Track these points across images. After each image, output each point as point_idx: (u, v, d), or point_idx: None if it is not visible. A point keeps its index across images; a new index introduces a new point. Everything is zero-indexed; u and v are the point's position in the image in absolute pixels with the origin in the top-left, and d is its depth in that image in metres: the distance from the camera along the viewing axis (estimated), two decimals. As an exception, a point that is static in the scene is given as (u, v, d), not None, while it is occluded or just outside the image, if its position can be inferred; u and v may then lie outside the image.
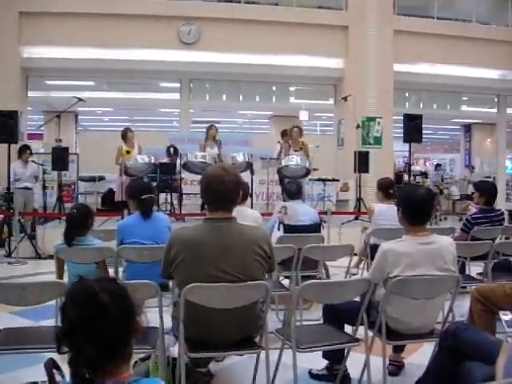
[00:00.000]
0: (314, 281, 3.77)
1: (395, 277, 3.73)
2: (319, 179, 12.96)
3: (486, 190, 7.10)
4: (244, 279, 3.42)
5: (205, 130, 12.37)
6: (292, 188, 7.08)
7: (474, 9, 17.93)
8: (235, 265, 3.43)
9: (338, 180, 14.12)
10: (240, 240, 3.49)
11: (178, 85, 17.00)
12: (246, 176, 11.03)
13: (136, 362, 3.86)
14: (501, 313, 2.60)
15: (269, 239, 3.70)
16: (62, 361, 1.96)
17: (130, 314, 1.92)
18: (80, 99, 11.92)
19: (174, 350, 3.77)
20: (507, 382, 2.05)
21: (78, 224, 4.88)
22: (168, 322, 3.91)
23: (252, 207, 10.18)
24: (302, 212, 6.80)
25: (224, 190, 3.47)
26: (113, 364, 1.87)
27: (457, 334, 3.18)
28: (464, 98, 19.93)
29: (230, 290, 3.39)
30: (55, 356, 2.05)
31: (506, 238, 7.06)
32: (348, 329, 4.05)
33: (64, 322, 1.86)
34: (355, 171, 12.72)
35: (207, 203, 3.64)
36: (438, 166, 20.96)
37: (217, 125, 12.70)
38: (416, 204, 3.94)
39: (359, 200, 12.51)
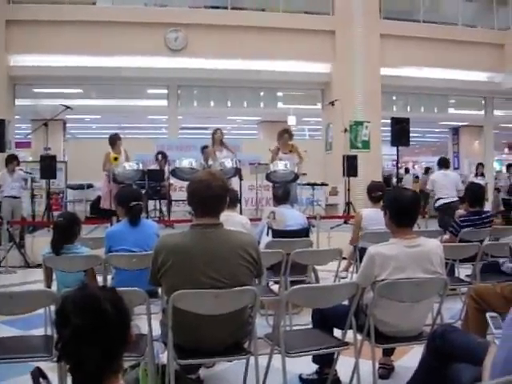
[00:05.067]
0: (301, 286, 3.78)
1: (383, 280, 3.74)
2: (308, 184, 12.98)
3: (470, 193, 7.18)
4: (232, 285, 3.42)
5: (193, 136, 12.38)
6: (279, 193, 7.10)
7: (459, 12, 18.06)
8: (223, 271, 3.43)
9: (326, 184, 14.14)
10: (227, 246, 3.48)
11: (165, 91, 17.02)
12: (234, 182, 11.07)
13: (126, 370, 3.84)
14: (488, 314, 2.61)
15: (256, 244, 3.71)
16: (52, 370, 1.95)
17: (127, 324, 1.92)
18: (67, 107, 11.90)
19: (164, 357, 3.77)
20: (493, 383, 2.06)
21: (66, 232, 4.87)
22: (157, 329, 3.90)
23: (241, 213, 10.19)
24: (291, 217, 6.81)
25: (211, 196, 3.47)
26: (109, 373, 1.86)
27: (444, 336, 3.18)
28: (451, 101, 20.06)
29: (217, 296, 3.38)
30: (42, 365, 2.04)
31: (495, 239, 7.09)
32: (337, 333, 4.06)
33: (64, 329, 1.83)
34: (344, 175, 12.76)
35: (194, 209, 3.62)
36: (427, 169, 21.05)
37: (205, 131, 12.70)
38: (402, 207, 3.95)
39: (348, 204, 12.54)
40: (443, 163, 11.43)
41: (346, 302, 3.96)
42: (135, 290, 3.56)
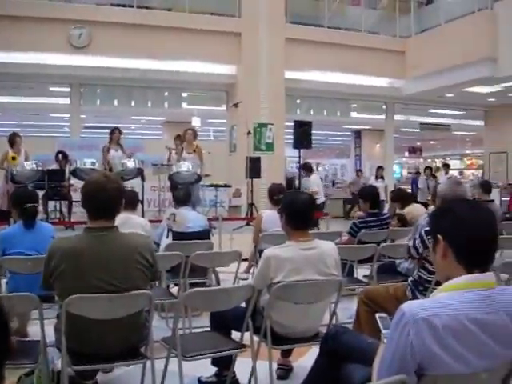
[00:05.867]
0: (197, 289, 3.75)
1: (279, 282, 3.78)
2: (211, 185, 12.98)
3: (368, 195, 7.37)
4: (127, 289, 3.37)
5: (96, 135, 12.17)
6: (180, 195, 7.08)
7: (363, 19, 18.50)
8: (117, 274, 3.38)
9: (230, 186, 14.20)
10: (121, 249, 3.44)
11: (68, 89, 16.62)
12: (136, 182, 10.95)
13: (20, 378, 3.75)
14: (377, 315, 2.68)
15: (152, 248, 3.68)
16: None
17: (6, 333, 1.85)
18: (-37, 104, 11.49)
19: (59, 364, 3.68)
20: (380, 383, 2.12)
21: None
22: (53, 335, 3.81)
23: (143, 214, 10.11)
24: (191, 219, 6.79)
25: (105, 199, 3.41)
26: None
27: (336, 337, 3.25)
28: (354, 105, 20.52)
29: (111, 300, 3.33)
30: None
31: (392, 241, 7.29)
32: (237, 335, 4.07)
33: None
34: (247, 177, 12.83)
35: (88, 212, 3.53)
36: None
37: (108, 130, 12.46)
38: (298, 210, 4.02)
39: (251, 205, 12.62)
40: (309, 169, 11.99)
41: (244, 304, 3.99)
42: (27, 295, 3.46)
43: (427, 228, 4.33)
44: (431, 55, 16.94)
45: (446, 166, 19.82)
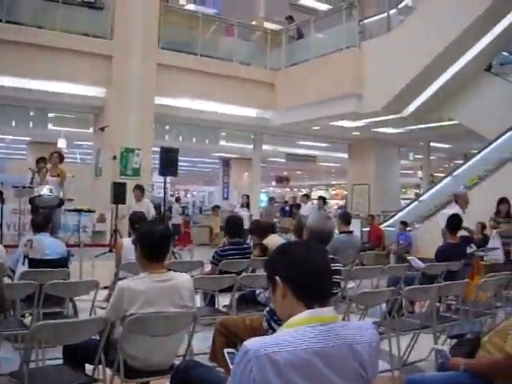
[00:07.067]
0: (45, 322, 3.63)
1: (132, 315, 3.74)
2: (75, 210, 12.62)
3: (230, 224, 7.49)
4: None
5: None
6: (38, 220, 6.86)
7: (235, 49, 18.79)
8: None
9: (93, 211, 13.87)
10: None
11: None
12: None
13: None
14: (225, 350, 2.70)
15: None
16: None
17: None
18: None
19: None
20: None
21: None
22: None
23: (2, 238, 9.73)
24: (48, 245, 6.59)
25: None
26: None
27: (186, 371, 3.25)
28: (223, 134, 20.73)
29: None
30: None
31: (253, 271, 7.37)
32: (91, 368, 3.96)
33: None
34: (111, 202, 12.63)
35: None
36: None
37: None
38: (153, 242, 3.99)
39: (115, 232, 12.41)
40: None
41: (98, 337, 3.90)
42: None
43: None
44: (299, 88, 17.43)
45: (306, 197, 20.38)
